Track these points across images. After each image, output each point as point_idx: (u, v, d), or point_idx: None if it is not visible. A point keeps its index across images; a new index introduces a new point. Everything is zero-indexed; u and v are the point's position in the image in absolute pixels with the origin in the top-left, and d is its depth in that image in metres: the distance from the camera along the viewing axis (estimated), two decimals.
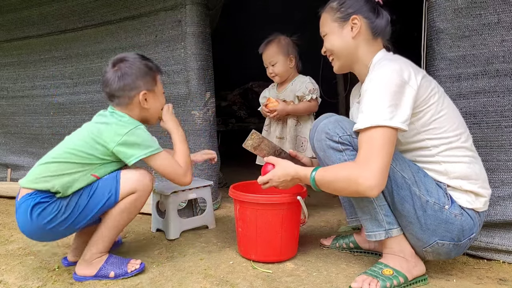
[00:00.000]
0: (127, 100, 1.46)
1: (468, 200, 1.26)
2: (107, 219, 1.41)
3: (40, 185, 1.33)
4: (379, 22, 1.34)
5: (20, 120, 3.00)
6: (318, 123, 1.40)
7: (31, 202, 1.31)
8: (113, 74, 1.45)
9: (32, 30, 2.80)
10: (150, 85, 1.49)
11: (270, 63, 2.11)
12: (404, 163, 1.27)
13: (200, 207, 2.18)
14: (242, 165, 2.87)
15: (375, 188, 1.15)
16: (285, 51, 2.08)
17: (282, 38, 2.11)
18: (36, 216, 1.31)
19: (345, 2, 1.35)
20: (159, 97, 1.56)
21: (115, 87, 1.45)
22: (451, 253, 1.28)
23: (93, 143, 1.38)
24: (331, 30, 1.38)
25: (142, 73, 1.47)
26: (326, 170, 1.26)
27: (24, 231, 1.36)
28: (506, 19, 1.43)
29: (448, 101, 1.30)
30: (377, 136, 1.16)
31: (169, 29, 2.29)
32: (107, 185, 1.39)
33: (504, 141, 1.47)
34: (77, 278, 1.42)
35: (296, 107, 2.08)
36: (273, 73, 2.12)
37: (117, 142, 1.37)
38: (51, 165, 1.36)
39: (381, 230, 1.30)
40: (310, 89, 2.06)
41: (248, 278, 1.40)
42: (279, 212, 1.48)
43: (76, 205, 1.35)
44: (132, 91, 1.46)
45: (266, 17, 4.23)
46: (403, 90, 1.18)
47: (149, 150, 1.41)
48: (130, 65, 1.46)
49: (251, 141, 1.49)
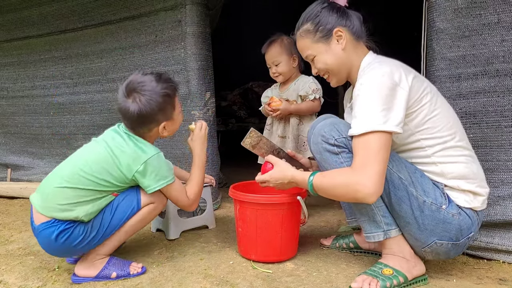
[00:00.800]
0: (147, 130, 1.45)
1: (466, 200, 1.26)
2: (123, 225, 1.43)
3: (61, 214, 1.32)
4: (355, 24, 1.35)
5: (20, 120, 3.00)
6: (315, 125, 1.40)
7: (55, 231, 1.32)
8: (130, 106, 1.37)
9: (32, 30, 2.80)
10: (169, 113, 1.45)
11: (273, 63, 2.11)
12: (401, 164, 1.27)
13: (200, 207, 2.18)
14: (242, 165, 2.87)
15: (374, 195, 1.16)
16: (288, 51, 2.08)
17: (285, 38, 2.10)
18: (63, 242, 1.33)
19: (320, 21, 1.34)
20: (178, 119, 1.51)
21: (133, 120, 1.40)
22: (450, 252, 1.28)
23: (111, 169, 1.36)
24: (318, 51, 1.37)
25: (161, 105, 1.40)
26: (324, 176, 1.26)
27: (51, 253, 1.40)
28: (506, 19, 1.43)
29: (441, 100, 1.29)
30: (372, 141, 1.16)
31: (169, 29, 2.29)
32: (128, 199, 1.42)
33: (504, 141, 1.47)
34: (76, 280, 1.41)
35: (299, 107, 2.08)
36: (276, 73, 2.12)
37: (136, 170, 1.37)
38: (68, 191, 1.33)
39: (380, 231, 1.30)
40: (313, 89, 2.06)
41: (248, 278, 1.40)
42: (279, 212, 1.48)
43: (101, 224, 1.38)
44: (152, 124, 1.43)
45: (266, 17, 4.23)
46: (394, 92, 1.18)
47: (165, 181, 1.42)
48: (149, 99, 1.37)
49: (250, 139, 1.49)
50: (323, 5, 1.35)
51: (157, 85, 1.39)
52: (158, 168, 1.39)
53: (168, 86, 1.43)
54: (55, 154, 2.89)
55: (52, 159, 2.89)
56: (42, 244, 1.37)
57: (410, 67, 1.29)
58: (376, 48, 1.40)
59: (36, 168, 2.94)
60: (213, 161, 2.30)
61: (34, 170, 2.94)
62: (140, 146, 1.40)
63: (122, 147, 1.38)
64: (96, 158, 1.37)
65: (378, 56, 1.37)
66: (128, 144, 1.39)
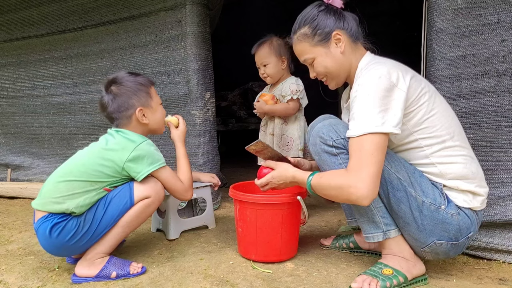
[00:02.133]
0: (126, 120, 1.52)
1: (465, 200, 1.26)
2: (118, 221, 1.42)
3: (54, 207, 1.36)
4: (352, 26, 1.34)
5: (20, 120, 3.00)
6: (314, 125, 1.40)
7: (48, 225, 1.35)
8: (106, 98, 1.50)
9: (32, 30, 2.80)
10: (144, 100, 1.53)
11: (262, 64, 2.11)
12: (400, 164, 1.27)
13: (200, 207, 2.18)
14: (242, 165, 2.88)
15: (367, 198, 1.16)
16: (277, 52, 2.07)
17: (274, 39, 2.10)
18: (57, 236, 1.35)
19: (318, 25, 1.33)
20: (157, 109, 1.59)
21: (110, 110, 1.50)
22: (450, 252, 1.28)
23: (102, 160, 1.41)
24: (318, 54, 1.36)
25: (134, 91, 1.51)
26: (321, 177, 1.27)
27: (49, 250, 1.42)
28: (506, 19, 1.43)
29: (440, 100, 1.29)
30: (367, 143, 1.16)
31: (169, 29, 2.29)
32: (121, 195, 1.42)
33: (504, 141, 1.47)
34: (76, 280, 1.41)
35: (273, 108, 2.08)
36: (265, 73, 2.12)
37: (126, 159, 1.40)
38: (61, 184, 1.38)
39: (379, 231, 1.30)
40: (292, 90, 2.05)
41: (248, 278, 1.40)
42: (279, 212, 1.48)
43: (94, 218, 1.39)
44: (128, 111, 1.50)
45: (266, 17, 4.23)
46: (392, 93, 1.18)
47: (157, 164, 1.46)
48: (121, 86, 1.50)
49: (254, 147, 1.48)
50: (319, 8, 1.35)
51: (130, 76, 1.54)
52: (148, 153, 1.45)
53: (143, 78, 1.56)
54: (55, 154, 2.89)
55: (52, 159, 2.89)
56: (40, 241, 1.39)
57: (407, 67, 1.29)
58: (374, 49, 1.40)
59: (36, 168, 2.94)
60: (213, 161, 2.30)
61: (34, 170, 2.94)
62: (128, 137, 1.46)
63: (112, 142, 1.46)
64: (89, 155, 1.45)
65: (376, 56, 1.36)
66: (116, 138, 1.47)
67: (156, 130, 1.61)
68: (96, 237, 1.40)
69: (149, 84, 1.57)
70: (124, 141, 1.45)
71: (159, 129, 1.62)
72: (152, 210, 1.50)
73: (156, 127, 1.60)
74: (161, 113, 1.61)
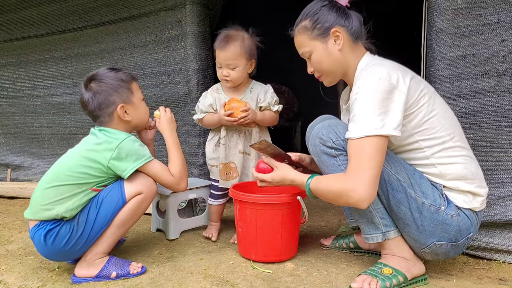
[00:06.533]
0: (108, 117, 1.48)
1: (465, 200, 1.26)
2: (113, 220, 1.42)
3: (44, 214, 1.35)
4: (354, 25, 1.33)
5: (20, 120, 3.00)
6: (313, 126, 1.40)
7: (42, 232, 1.35)
8: (86, 95, 1.46)
9: (32, 30, 2.80)
10: (126, 96, 1.49)
11: (228, 66, 1.72)
12: (399, 166, 1.27)
13: (200, 207, 2.18)
14: None
15: (365, 201, 1.16)
16: (248, 55, 1.72)
17: (246, 37, 1.73)
18: (52, 243, 1.35)
19: (319, 18, 1.32)
20: (140, 105, 1.54)
21: (91, 108, 1.46)
22: (450, 253, 1.28)
23: (87, 161, 1.39)
24: (315, 49, 1.35)
25: (115, 87, 1.46)
26: (320, 181, 1.27)
27: (48, 257, 1.42)
28: (506, 19, 1.43)
29: (439, 101, 1.29)
30: (366, 146, 1.16)
31: (169, 29, 2.29)
32: (112, 194, 1.41)
33: (504, 141, 1.47)
34: (76, 280, 1.41)
35: (264, 117, 1.78)
36: (228, 76, 1.73)
37: (110, 157, 1.38)
38: (48, 191, 1.37)
39: (378, 232, 1.31)
40: (275, 100, 1.81)
41: (248, 278, 1.40)
42: (279, 212, 1.48)
43: (87, 221, 1.38)
44: (109, 108, 1.46)
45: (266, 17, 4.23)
46: (392, 95, 1.17)
47: (143, 160, 1.43)
48: (101, 83, 1.46)
49: (258, 145, 1.47)
50: (323, 3, 1.34)
51: (111, 72, 1.49)
52: (132, 150, 1.42)
53: (124, 73, 1.51)
54: (55, 154, 2.89)
55: (52, 159, 2.89)
56: (38, 249, 1.40)
57: (407, 68, 1.29)
58: (374, 50, 1.39)
59: (36, 168, 2.94)
60: None
61: (34, 170, 2.94)
62: (110, 135, 1.44)
63: (95, 142, 1.43)
64: (73, 157, 1.43)
65: (375, 57, 1.36)
66: (99, 137, 1.45)
67: (138, 126, 1.59)
68: (92, 239, 1.39)
69: (131, 80, 1.52)
70: (107, 139, 1.42)
71: (142, 125, 1.60)
72: (146, 205, 1.48)
73: (140, 123, 1.57)
74: (144, 109, 1.57)
